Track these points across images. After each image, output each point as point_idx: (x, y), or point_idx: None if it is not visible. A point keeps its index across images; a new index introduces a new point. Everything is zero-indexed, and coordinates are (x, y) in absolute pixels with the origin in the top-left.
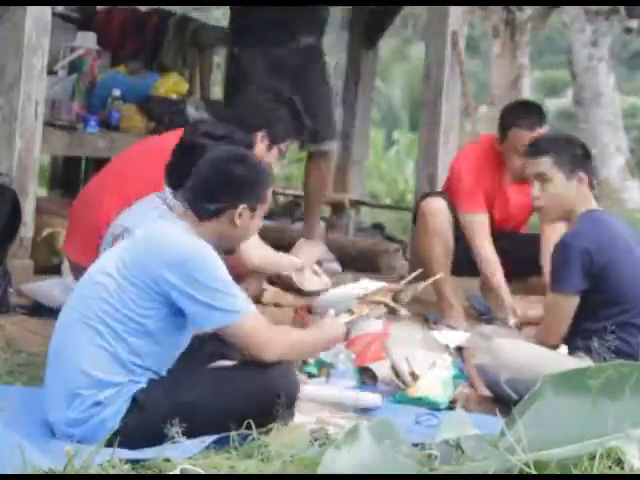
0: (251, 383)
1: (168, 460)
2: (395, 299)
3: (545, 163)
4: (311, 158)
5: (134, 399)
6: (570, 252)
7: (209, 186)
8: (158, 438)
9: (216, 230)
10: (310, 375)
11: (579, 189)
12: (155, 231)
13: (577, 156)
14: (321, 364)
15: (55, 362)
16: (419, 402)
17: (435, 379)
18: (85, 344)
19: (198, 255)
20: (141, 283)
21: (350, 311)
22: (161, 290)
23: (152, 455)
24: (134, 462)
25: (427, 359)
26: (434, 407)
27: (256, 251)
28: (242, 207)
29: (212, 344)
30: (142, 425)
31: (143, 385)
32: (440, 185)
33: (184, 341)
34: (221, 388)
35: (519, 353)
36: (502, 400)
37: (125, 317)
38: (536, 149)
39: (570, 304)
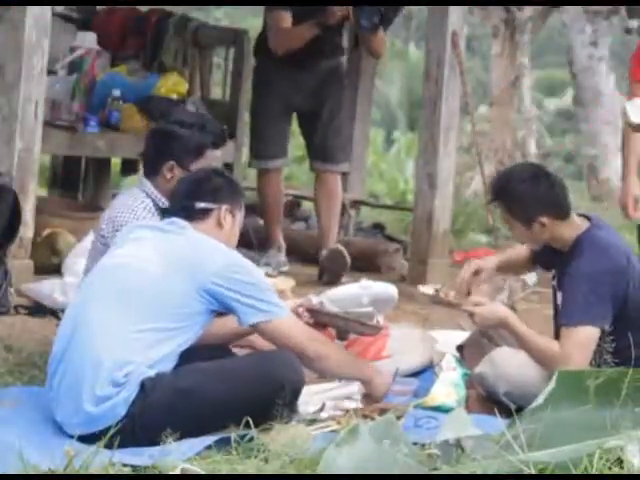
0: (256, 371)
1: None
2: None
3: (501, 210)
4: (320, 178)
5: (142, 387)
6: (597, 283)
7: (196, 187)
8: (160, 429)
9: (207, 233)
10: None
11: (548, 229)
12: (196, 240)
13: (535, 201)
14: None
15: (77, 333)
16: (438, 410)
17: (446, 384)
18: (116, 323)
19: (231, 254)
20: (185, 282)
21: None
22: (208, 292)
23: (151, 461)
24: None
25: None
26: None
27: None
28: (225, 208)
29: (211, 346)
30: (145, 414)
31: (152, 374)
32: (439, 185)
33: (193, 339)
34: (224, 377)
35: (519, 366)
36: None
37: (162, 306)
38: (490, 195)
39: (597, 336)
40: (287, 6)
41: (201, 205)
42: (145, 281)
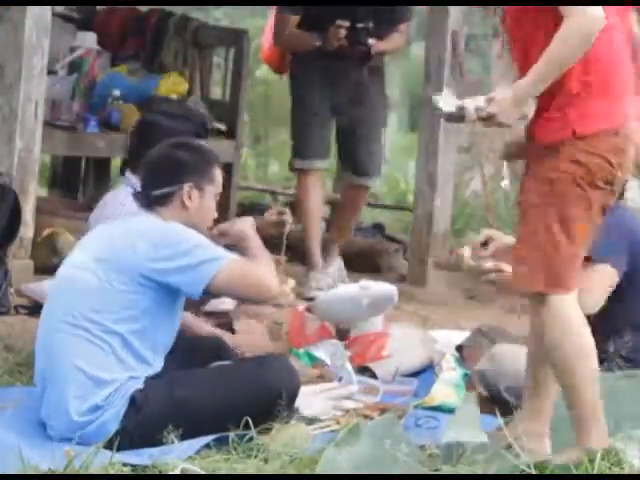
0: (252, 378)
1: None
2: None
3: None
4: (348, 189)
5: (132, 400)
6: (620, 232)
7: (153, 173)
8: (157, 439)
9: (173, 217)
10: None
11: None
12: (130, 226)
13: None
14: (314, 359)
15: (47, 365)
16: (438, 410)
17: (446, 384)
18: (76, 342)
19: (163, 232)
20: (126, 274)
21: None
22: (149, 279)
23: (151, 461)
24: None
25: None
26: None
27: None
28: (188, 186)
29: (208, 346)
30: (141, 426)
31: (140, 386)
32: (439, 185)
33: (176, 321)
34: (220, 386)
35: (520, 361)
36: (502, 402)
37: (112, 305)
38: None
39: (615, 278)
40: (297, 10)
41: (157, 193)
42: (84, 290)
